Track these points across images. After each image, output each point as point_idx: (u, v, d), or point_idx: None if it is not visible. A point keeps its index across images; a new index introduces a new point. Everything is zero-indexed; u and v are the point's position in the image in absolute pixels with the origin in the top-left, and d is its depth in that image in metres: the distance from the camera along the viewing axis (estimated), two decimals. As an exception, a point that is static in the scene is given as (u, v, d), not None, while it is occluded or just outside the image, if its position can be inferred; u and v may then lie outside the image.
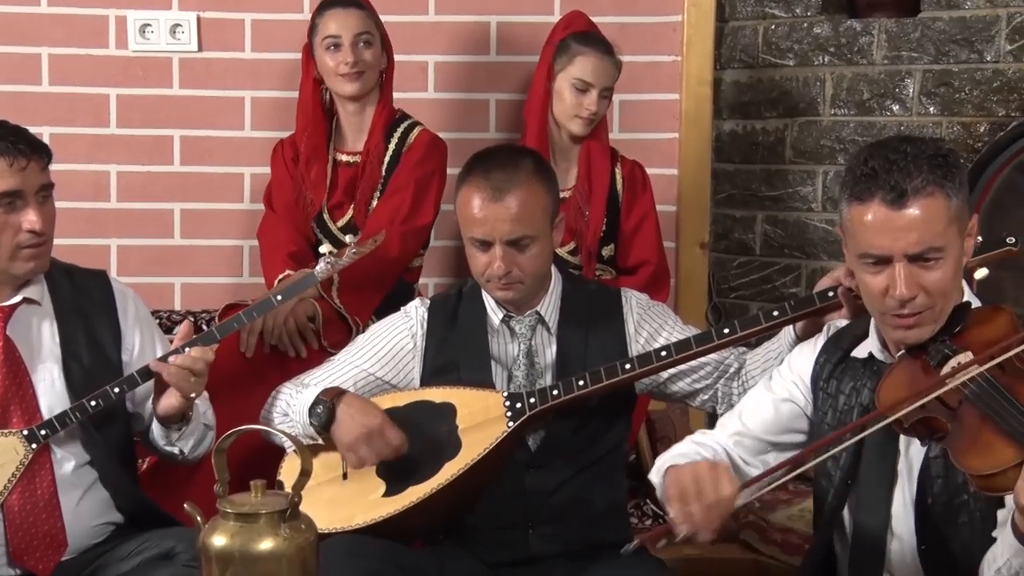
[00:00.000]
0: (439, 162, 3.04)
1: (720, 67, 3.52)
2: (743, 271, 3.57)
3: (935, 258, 1.79)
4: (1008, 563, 1.62)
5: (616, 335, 2.35)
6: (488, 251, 2.24)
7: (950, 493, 1.82)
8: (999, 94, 3.06)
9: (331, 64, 2.95)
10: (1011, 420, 1.60)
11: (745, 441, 2.06)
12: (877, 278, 1.82)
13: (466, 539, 2.30)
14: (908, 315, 1.80)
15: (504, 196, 2.22)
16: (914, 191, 1.77)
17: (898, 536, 1.88)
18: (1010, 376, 1.68)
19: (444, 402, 2.29)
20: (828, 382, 1.99)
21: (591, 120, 3.00)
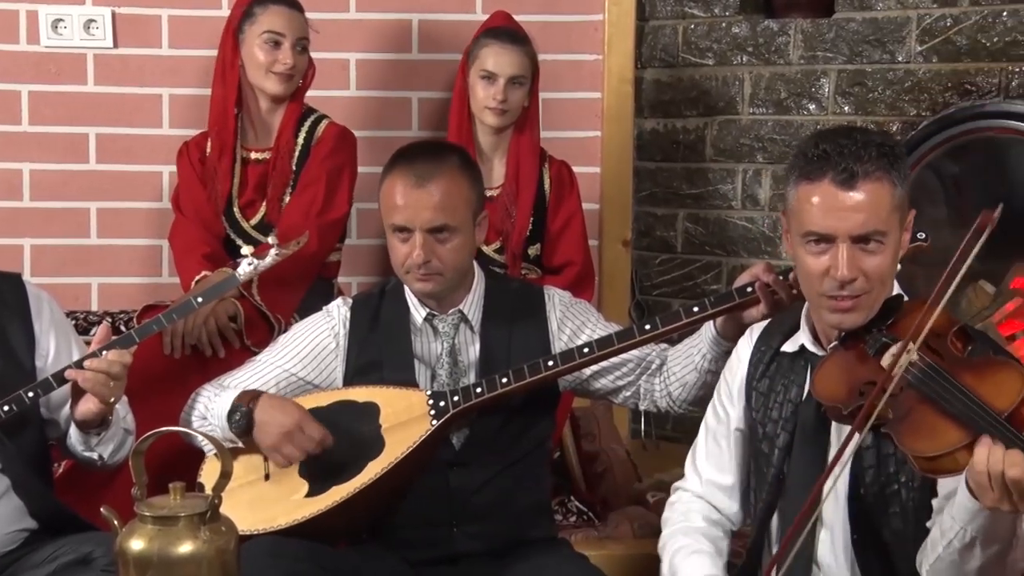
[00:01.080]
0: (349, 153, 3.03)
1: (641, 66, 3.55)
2: (665, 268, 3.60)
3: (878, 242, 1.83)
4: (961, 532, 1.64)
5: (539, 333, 2.36)
6: (408, 240, 2.24)
7: (882, 483, 1.85)
8: (910, 94, 3.13)
9: (265, 60, 2.92)
10: (955, 402, 1.63)
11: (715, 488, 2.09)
12: (819, 259, 1.85)
13: (390, 538, 2.30)
14: (846, 298, 1.84)
15: (427, 184, 2.22)
16: (864, 174, 1.81)
17: (829, 526, 1.91)
18: (951, 363, 1.72)
19: (367, 401, 2.28)
20: (760, 381, 2.02)
21: (502, 111, 3.00)
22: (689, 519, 2.07)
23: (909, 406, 1.69)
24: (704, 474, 2.10)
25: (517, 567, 2.19)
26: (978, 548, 1.63)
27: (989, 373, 1.67)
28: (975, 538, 1.62)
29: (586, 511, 2.95)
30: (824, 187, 1.83)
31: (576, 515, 2.94)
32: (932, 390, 1.68)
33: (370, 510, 2.28)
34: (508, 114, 3.02)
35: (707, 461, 2.10)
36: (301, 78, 3.00)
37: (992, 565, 1.63)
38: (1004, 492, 1.52)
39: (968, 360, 1.74)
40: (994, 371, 1.67)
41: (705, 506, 2.09)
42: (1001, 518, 1.59)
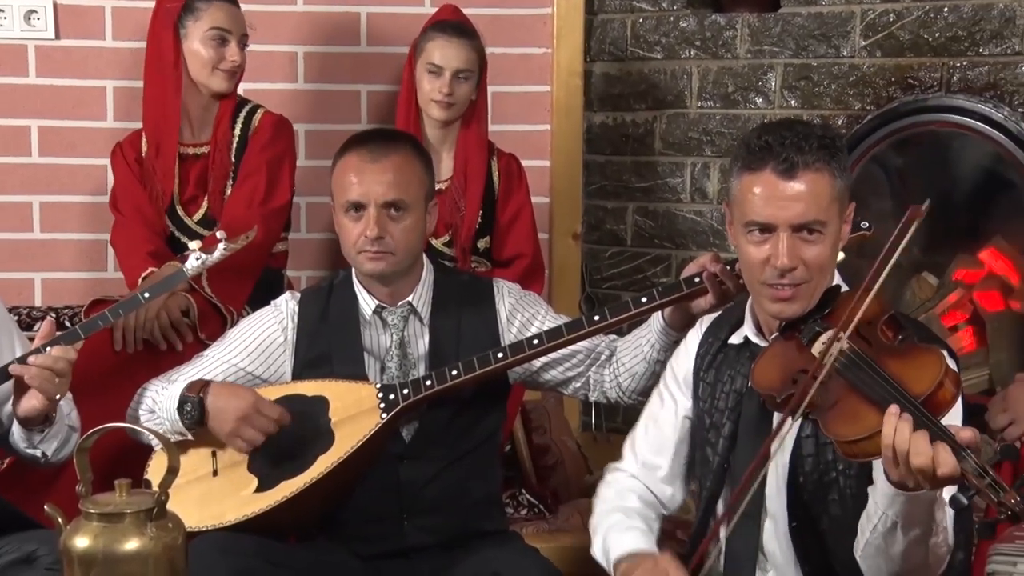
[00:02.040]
0: (287, 141, 3.01)
1: (590, 59, 3.56)
2: (615, 261, 3.62)
3: (817, 231, 1.85)
4: (884, 516, 1.67)
5: (489, 325, 2.36)
6: (361, 218, 2.23)
7: (820, 471, 1.87)
8: (855, 88, 3.16)
9: (211, 56, 2.88)
10: (876, 388, 1.66)
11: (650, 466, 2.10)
12: (760, 248, 1.88)
13: (340, 532, 2.29)
14: (786, 286, 1.86)
15: (382, 159, 2.23)
16: (804, 165, 1.84)
17: (772, 515, 1.93)
18: (877, 349, 1.75)
19: (316, 395, 2.27)
20: (707, 372, 2.04)
21: (448, 104, 2.99)
22: (624, 498, 2.08)
23: (836, 393, 1.72)
24: (641, 456, 2.11)
25: (468, 560, 2.20)
26: (900, 532, 1.65)
27: (911, 359, 1.70)
28: (896, 522, 1.65)
29: (537, 504, 2.96)
30: (765, 177, 1.85)
31: (527, 508, 2.95)
32: (857, 377, 1.71)
33: (320, 505, 2.27)
34: (455, 107, 3.01)
35: (646, 444, 2.11)
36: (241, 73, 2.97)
37: (915, 548, 1.66)
38: (907, 468, 1.55)
39: (895, 347, 1.77)
40: (916, 357, 1.70)
41: (640, 486, 2.10)
42: (918, 502, 1.62)
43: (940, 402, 1.63)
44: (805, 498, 1.89)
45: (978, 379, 3.15)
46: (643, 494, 2.10)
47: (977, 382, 3.15)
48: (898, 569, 1.70)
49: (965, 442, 1.53)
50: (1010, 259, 3.18)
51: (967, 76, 3.00)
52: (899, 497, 1.62)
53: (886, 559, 1.70)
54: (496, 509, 2.43)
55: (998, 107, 2.94)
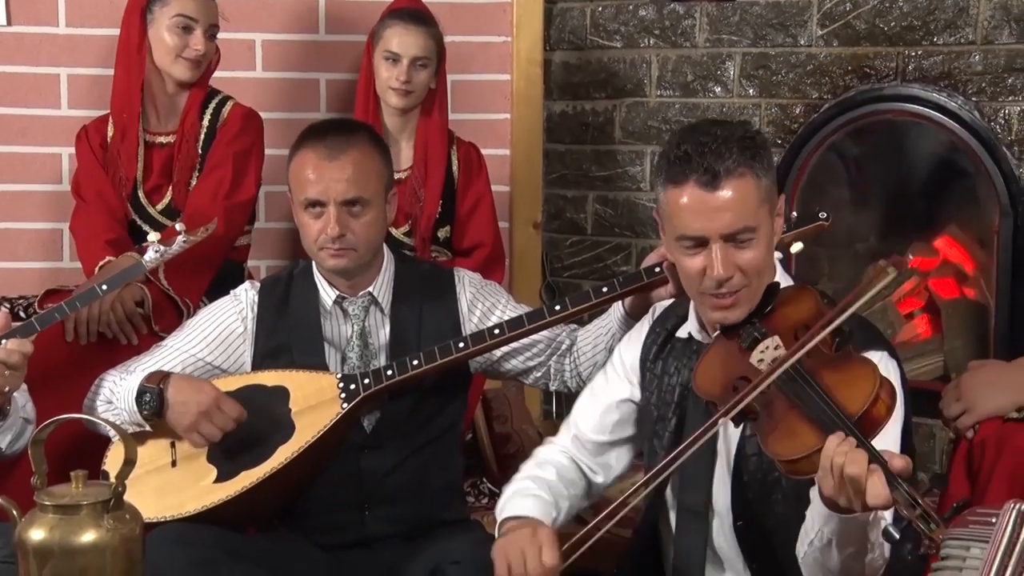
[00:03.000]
0: (256, 135, 2.98)
1: (550, 48, 3.56)
2: (575, 250, 3.63)
3: (748, 238, 1.83)
4: (820, 533, 1.67)
5: (450, 314, 2.36)
6: (321, 215, 2.22)
7: (764, 470, 1.87)
8: (812, 77, 3.18)
9: (175, 44, 2.85)
10: (814, 407, 1.64)
11: (585, 445, 2.10)
12: (694, 259, 1.85)
13: (301, 523, 2.28)
14: (726, 295, 1.85)
15: (339, 156, 2.21)
16: (726, 172, 1.81)
17: (718, 512, 1.94)
18: (815, 361, 1.72)
19: (277, 385, 2.26)
20: (655, 363, 2.04)
21: (406, 92, 2.98)
22: (542, 468, 2.07)
23: (774, 407, 1.70)
24: (576, 431, 2.10)
25: (429, 549, 2.19)
26: (835, 549, 1.65)
27: (847, 373, 1.67)
28: (831, 539, 1.65)
29: (498, 492, 2.94)
30: (689, 190, 1.82)
31: (488, 497, 2.96)
32: (794, 392, 1.69)
33: (280, 495, 2.26)
34: (412, 95, 3.00)
35: (584, 421, 2.10)
36: (207, 63, 2.94)
37: (851, 563, 1.66)
38: (842, 485, 1.54)
39: (832, 358, 1.73)
40: (851, 371, 1.67)
41: (566, 462, 2.09)
42: (853, 523, 1.61)
43: (874, 419, 1.61)
44: (749, 497, 1.89)
45: (933, 366, 3.19)
46: (565, 469, 2.08)
47: (932, 369, 3.19)
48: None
49: (898, 471, 1.51)
50: (964, 247, 3.22)
51: (922, 65, 3.03)
52: (833, 517, 1.62)
53: (824, 572, 1.70)
54: (457, 498, 2.43)
55: (952, 96, 2.97)
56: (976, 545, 1.28)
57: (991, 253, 3.00)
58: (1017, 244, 2.90)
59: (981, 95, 2.95)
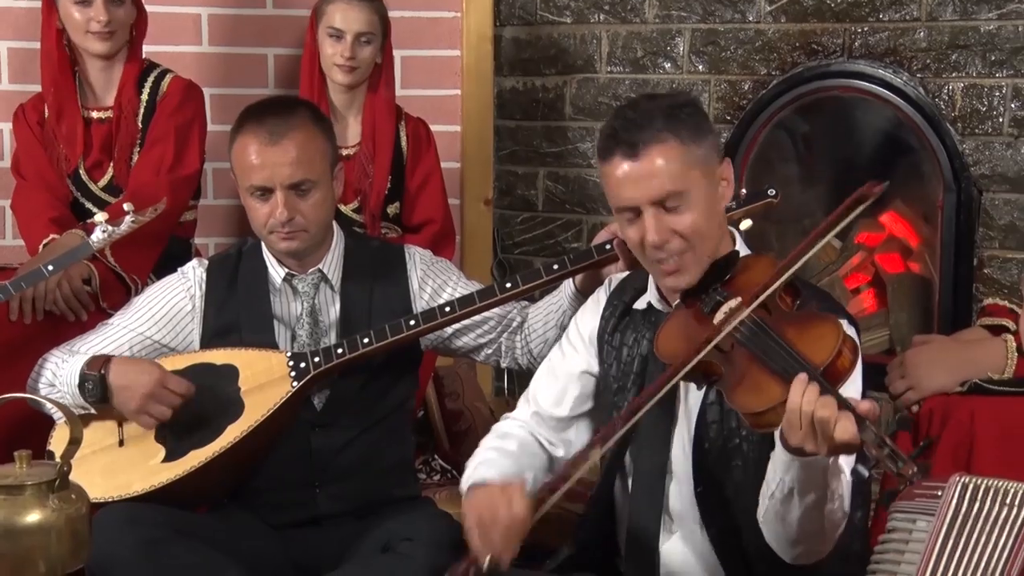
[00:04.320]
0: (197, 107, 2.94)
1: (500, 24, 3.54)
2: (526, 227, 3.62)
3: (678, 203, 1.87)
4: (781, 483, 1.70)
5: (400, 292, 2.35)
6: (269, 200, 2.20)
7: (725, 437, 1.90)
8: (761, 53, 3.20)
9: (79, 19, 2.78)
10: (778, 359, 1.68)
11: (545, 420, 2.10)
12: (634, 229, 1.91)
13: (251, 502, 2.27)
14: (667, 259, 1.89)
15: (281, 140, 2.18)
16: (645, 141, 1.86)
17: (677, 477, 1.96)
18: (777, 318, 1.76)
19: (226, 364, 2.25)
20: (612, 335, 2.05)
21: (351, 68, 2.96)
22: (503, 440, 2.09)
23: (738, 363, 1.74)
24: (535, 406, 2.11)
25: (380, 527, 2.19)
26: (796, 498, 1.68)
27: (809, 328, 1.72)
28: (792, 488, 1.68)
29: (450, 469, 2.97)
30: (616, 163, 1.88)
31: (440, 473, 2.96)
32: (757, 347, 1.72)
33: (230, 474, 2.25)
34: (358, 71, 2.98)
35: (543, 395, 2.11)
36: (128, 33, 2.87)
37: (811, 514, 1.68)
38: (811, 430, 1.57)
39: (794, 315, 1.79)
40: (814, 326, 1.72)
41: (526, 435, 2.10)
42: (813, 468, 1.64)
43: (839, 370, 1.65)
44: (710, 463, 1.92)
45: (879, 339, 3.24)
46: (526, 442, 2.09)
47: (878, 342, 3.23)
48: (795, 535, 1.73)
49: (864, 413, 1.55)
50: (909, 222, 3.26)
51: (868, 42, 3.05)
52: (795, 463, 1.65)
53: (784, 525, 1.72)
54: (408, 475, 2.43)
55: (898, 72, 3.00)
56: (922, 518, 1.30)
57: (935, 228, 3.04)
58: (960, 219, 2.94)
59: (926, 71, 2.99)
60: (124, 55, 2.89)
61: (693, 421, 1.93)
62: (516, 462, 2.03)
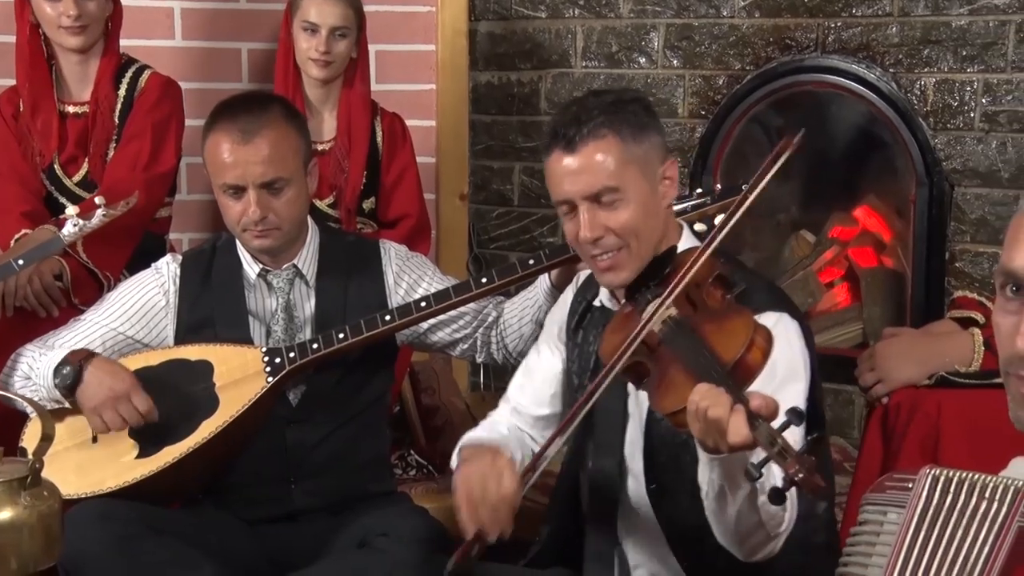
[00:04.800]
0: (175, 104, 2.92)
1: (474, 18, 3.54)
2: (502, 222, 3.63)
3: (613, 199, 1.87)
4: (710, 482, 1.68)
5: (375, 287, 2.35)
6: (241, 198, 2.20)
7: (673, 433, 1.86)
8: (735, 48, 3.21)
9: (51, 14, 2.76)
10: (692, 357, 1.66)
11: (525, 419, 2.12)
12: (570, 224, 1.91)
13: (226, 497, 2.27)
14: (602, 256, 1.89)
15: (254, 138, 2.18)
16: (582, 137, 1.86)
17: (633, 475, 1.96)
18: (701, 314, 1.74)
19: (200, 360, 2.24)
20: (576, 332, 2.06)
21: (326, 62, 2.95)
22: (493, 427, 2.11)
23: (662, 363, 1.72)
24: (513, 402, 2.13)
25: (356, 522, 2.19)
26: (728, 496, 1.66)
27: (724, 323, 1.68)
28: (722, 485, 1.66)
29: (426, 464, 2.97)
30: (555, 157, 1.89)
31: (416, 469, 2.96)
32: (677, 345, 1.70)
33: (205, 470, 2.24)
34: (333, 66, 2.97)
35: (521, 395, 2.13)
36: (103, 26, 2.85)
37: (746, 510, 1.66)
38: (707, 429, 1.54)
39: (715, 310, 1.74)
40: (728, 321, 1.68)
41: (512, 425, 2.12)
42: (732, 462, 1.61)
43: (749, 365, 1.61)
44: (661, 460, 1.91)
45: (853, 333, 3.26)
46: (513, 431, 2.11)
47: (852, 336, 3.25)
48: (737, 533, 1.71)
49: (756, 409, 1.51)
50: (883, 216, 3.29)
51: (841, 37, 3.07)
52: (714, 461, 1.63)
53: (724, 523, 1.71)
54: (384, 471, 2.43)
55: (871, 68, 3.02)
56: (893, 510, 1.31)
57: (908, 222, 3.07)
58: (932, 213, 2.97)
59: (898, 66, 3.01)
60: (100, 49, 2.87)
61: (644, 419, 1.93)
62: (505, 440, 2.04)
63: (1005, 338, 1.24)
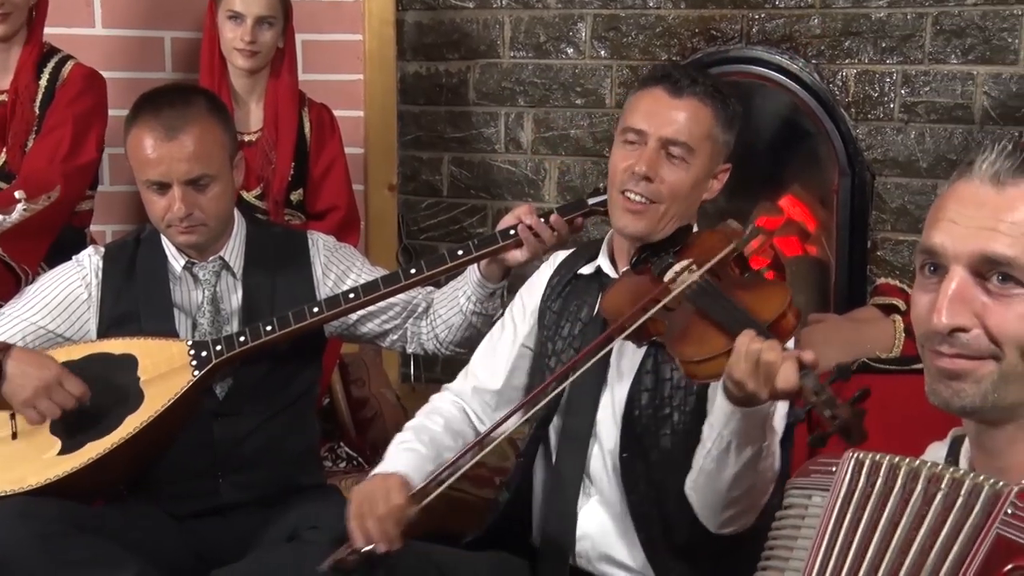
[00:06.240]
0: (98, 96, 2.87)
1: (402, 8, 3.52)
2: (431, 212, 3.62)
3: (682, 156, 1.95)
4: (719, 437, 1.73)
5: (303, 279, 2.33)
6: (166, 194, 2.16)
7: (656, 406, 1.92)
8: (661, 39, 3.23)
9: None
10: (723, 313, 1.74)
11: (482, 394, 2.13)
12: (627, 153, 1.97)
13: (152, 493, 2.24)
14: (638, 199, 1.95)
15: (178, 134, 2.14)
16: (692, 91, 1.96)
17: (601, 441, 1.98)
18: (727, 282, 1.84)
19: (124, 354, 2.21)
20: (555, 301, 2.08)
21: (252, 52, 2.91)
22: (429, 418, 2.12)
23: (684, 318, 1.80)
24: (472, 379, 2.15)
25: (285, 516, 2.18)
26: (733, 453, 1.72)
27: (758, 290, 1.80)
28: (731, 442, 1.71)
29: (356, 456, 2.96)
30: (655, 92, 1.97)
31: (346, 461, 2.95)
32: (704, 303, 1.79)
33: (130, 466, 2.21)
34: (259, 56, 2.93)
35: (480, 367, 2.16)
36: (26, 14, 2.77)
37: (745, 471, 1.73)
38: (754, 370, 1.61)
39: (742, 280, 1.87)
40: (763, 288, 1.81)
41: (455, 411, 2.13)
42: (753, 419, 1.68)
43: (785, 328, 1.71)
44: (638, 430, 1.94)
45: (778, 320, 3.30)
46: (454, 419, 2.11)
47: (777, 324, 3.30)
48: (726, 497, 1.76)
49: (808, 362, 1.60)
50: (807, 206, 3.33)
51: (765, 28, 3.11)
52: (736, 414, 1.68)
53: (717, 484, 1.75)
54: (313, 463, 2.42)
55: (794, 59, 3.06)
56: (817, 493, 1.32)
57: (831, 211, 3.11)
58: (854, 203, 3.02)
59: (820, 57, 3.05)
60: (23, 37, 2.80)
61: (627, 387, 1.95)
62: (433, 444, 2.05)
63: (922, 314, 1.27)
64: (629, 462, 1.95)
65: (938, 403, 1.28)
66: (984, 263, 1.22)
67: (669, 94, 1.95)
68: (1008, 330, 1.21)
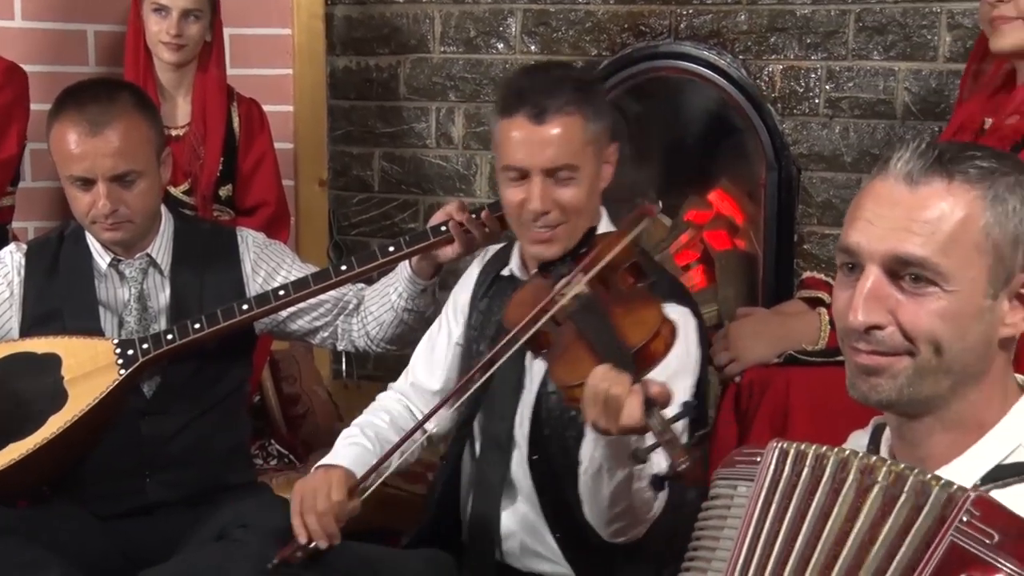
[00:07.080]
0: (19, 90, 2.82)
1: (331, 2, 3.50)
2: (362, 208, 3.60)
3: (569, 176, 1.90)
4: (592, 459, 1.72)
5: (233, 275, 2.31)
6: (90, 190, 2.13)
7: (563, 408, 1.93)
8: (591, 34, 3.24)
9: None
10: (595, 334, 1.70)
11: (422, 392, 2.14)
12: (517, 191, 1.93)
13: (77, 493, 2.21)
14: (543, 229, 1.92)
15: (103, 129, 2.11)
16: (555, 109, 1.88)
17: (518, 445, 1.99)
18: (612, 295, 1.79)
19: (47, 352, 2.17)
20: (482, 301, 2.09)
21: (178, 46, 2.87)
22: (374, 414, 2.13)
23: (567, 335, 1.76)
24: (412, 376, 2.17)
25: (215, 514, 2.16)
26: (605, 475, 1.70)
27: (634, 310, 1.73)
28: (602, 465, 1.70)
29: (287, 454, 2.94)
30: (519, 122, 1.90)
31: (277, 458, 2.93)
32: (583, 322, 1.75)
33: (54, 466, 2.17)
34: (186, 50, 2.89)
35: (419, 365, 2.17)
36: None
37: (620, 492, 1.71)
38: (603, 408, 1.58)
39: (626, 294, 1.80)
40: (638, 308, 1.73)
41: (401, 407, 2.14)
42: (619, 445, 1.65)
43: (651, 355, 1.66)
44: (546, 433, 1.95)
45: (709, 314, 3.33)
46: (399, 415, 2.13)
47: (708, 317, 3.32)
48: (607, 514, 1.75)
49: (655, 396, 1.55)
50: (735, 200, 3.37)
51: (693, 23, 3.13)
52: (600, 440, 1.67)
53: (596, 502, 1.75)
54: (243, 461, 2.40)
55: (721, 54, 3.09)
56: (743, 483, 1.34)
57: (759, 206, 3.15)
58: (781, 197, 3.06)
59: (747, 53, 3.09)
60: None
61: (536, 391, 1.96)
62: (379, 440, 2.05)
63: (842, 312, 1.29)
64: (538, 465, 1.96)
65: (857, 397, 1.30)
66: (897, 263, 1.25)
67: (533, 122, 1.88)
68: (921, 327, 1.24)
